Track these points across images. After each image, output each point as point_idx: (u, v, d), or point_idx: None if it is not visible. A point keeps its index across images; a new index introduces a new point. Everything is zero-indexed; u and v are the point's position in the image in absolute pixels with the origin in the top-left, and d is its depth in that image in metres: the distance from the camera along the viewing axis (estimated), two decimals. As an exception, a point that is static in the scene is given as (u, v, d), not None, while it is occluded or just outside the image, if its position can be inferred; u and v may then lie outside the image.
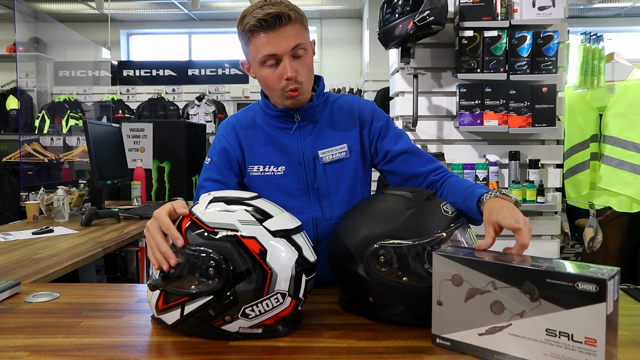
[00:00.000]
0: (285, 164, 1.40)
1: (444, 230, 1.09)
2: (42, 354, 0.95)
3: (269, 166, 1.41)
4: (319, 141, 1.41)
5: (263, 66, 1.32)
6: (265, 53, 1.28)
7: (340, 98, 1.50)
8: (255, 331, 1.01)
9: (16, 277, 1.60)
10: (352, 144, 1.43)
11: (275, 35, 1.26)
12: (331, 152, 1.41)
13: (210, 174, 1.43)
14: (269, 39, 1.27)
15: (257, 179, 1.42)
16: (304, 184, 1.41)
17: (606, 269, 0.83)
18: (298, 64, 1.31)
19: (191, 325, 1.01)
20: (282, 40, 1.27)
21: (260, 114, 1.46)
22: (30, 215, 2.83)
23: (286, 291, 0.99)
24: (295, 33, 1.28)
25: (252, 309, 0.98)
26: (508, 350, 0.88)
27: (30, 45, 5.44)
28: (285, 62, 1.28)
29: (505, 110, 2.79)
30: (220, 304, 0.98)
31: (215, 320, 0.99)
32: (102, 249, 2.12)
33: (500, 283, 0.88)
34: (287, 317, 1.03)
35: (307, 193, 1.41)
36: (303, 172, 1.40)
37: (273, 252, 0.99)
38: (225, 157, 1.43)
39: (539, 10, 2.74)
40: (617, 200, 3.14)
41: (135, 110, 7.53)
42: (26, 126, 5.77)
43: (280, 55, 1.28)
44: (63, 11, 7.56)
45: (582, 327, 0.80)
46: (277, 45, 1.27)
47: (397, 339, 1.01)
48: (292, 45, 1.28)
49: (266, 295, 0.98)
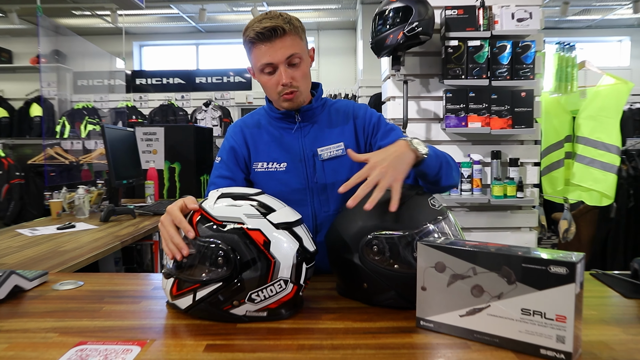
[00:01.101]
0: (287, 160, 1.42)
1: (432, 222, 1.10)
2: (69, 335, 0.97)
3: (272, 163, 1.43)
4: (317, 140, 1.44)
5: (262, 73, 1.36)
6: (263, 62, 1.32)
7: (337, 102, 1.52)
8: (260, 314, 1.03)
9: (43, 268, 1.62)
10: (348, 142, 1.45)
11: (272, 46, 1.30)
12: (329, 149, 1.43)
13: (220, 171, 1.45)
14: (266, 49, 1.31)
15: (261, 175, 1.44)
16: (304, 179, 1.42)
17: (574, 254, 0.85)
18: (293, 71, 1.34)
19: (202, 310, 1.03)
20: (277, 51, 1.30)
21: (264, 116, 1.49)
22: (54, 212, 2.84)
23: (288, 278, 1.01)
24: (290, 44, 1.31)
25: (257, 294, 1.00)
26: (487, 329, 0.90)
27: (52, 57, 5.45)
28: (281, 69, 1.32)
29: (488, 113, 2.80)
30: (229, 290, 1.00)
31: (224, 305, 1.01)
32: (120, 242, 2.14)
33: (480, 269, 0.90)
34: (290, 301, 1.04)
35: (307, 187, 1.43)
36: (303, 168, 1.42)
37: (276, 242, 1.01)
38: (233, 156, 1.45)
39: (518, 22, 2.76)
40: (588, 195, 3.16)
41: (148, 116, 7.52)
42: (48, 131, 5.77)
43: (276, 64, 1.32)
44: (82, 25, 7.54)
45: (554, 306, 0.82)
46: (273, 55, 1.31)
47: (389, 320, 1.03)
48: (286, 55, 1.31)
49: (270, 281, 1.00)
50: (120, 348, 0.91)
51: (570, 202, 3.17)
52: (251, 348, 0.90)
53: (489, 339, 0.90)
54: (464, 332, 0.92)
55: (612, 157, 3.04)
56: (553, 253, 0.86)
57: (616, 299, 1.17)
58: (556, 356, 0.83)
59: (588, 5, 6.68)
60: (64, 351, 0.89)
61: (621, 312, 1.09)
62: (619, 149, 3.06)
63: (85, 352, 0.89)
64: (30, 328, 1.01)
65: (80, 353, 0.89)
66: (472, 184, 2.83)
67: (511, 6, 2.76)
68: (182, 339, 0.95)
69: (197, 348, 0.90)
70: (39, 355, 0.88)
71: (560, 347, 0.82)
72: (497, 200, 2.75)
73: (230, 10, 7.04)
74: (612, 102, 3.09)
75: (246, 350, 0.90)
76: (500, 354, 0.87)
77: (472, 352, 0.88)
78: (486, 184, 2.90)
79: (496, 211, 2.93)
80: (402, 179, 1.10)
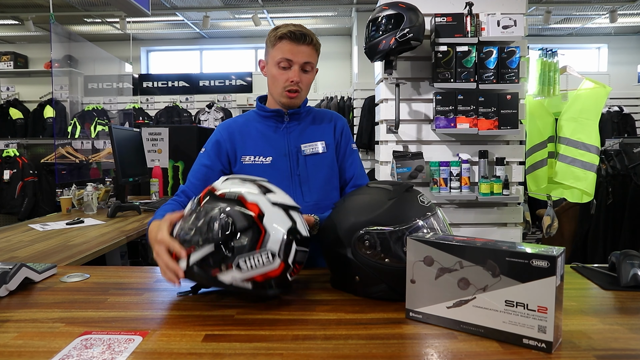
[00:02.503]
0: (273, 154, 1.48)
1: (421, 218, 1.09)
2: (75, 325, 0.96)
3: (258, 156, 1.48)
4: (301, 137, 1.51)
5: (277, 66, 1.44)
6: (284, 57, 1.42)
7: (320, 110, 1.62)
8: (245, 285, 1.01)
9: (53, 261, 1.61)
10: (329, 142, 1.54)
11: (297, 47, 1.42)
12: (311, 146, 1.51)
13: (202, 160, 1.52)
14: (291, 47, 1.42)
15: (248, 167, 1.48)
16: (287, 172, 1.48)
17: (555, 248, 0.84)
18: (303, 75, 1.45)
19: (195, 274, 1.03)
20: (299, 53, 1.42)
21: (254, 116, 1.56)
22: (64, 209, 2.83)
23: (276, 252, 1.00)
24: (310, 53, 1.44)
25: (245, 261, 0.99)
26: (472, 320, 0.89)
27: (65, 62, 5.42)
28: (296, 69, 1.44)
29: (475, 114, 2.79)
30: (219, 255, 1.00)
31: (212, 269, 1.01)
32: (125, 237, 2.13)
33: (466, 262, 0.89)
34: (276, 279, 1.03)
35: (290, 179, 1.48)
36: (287, 162, 1.48)
37: (269, 216, 1.02)
38: (217, 148, 1.51)
39: (503, 29, 2.75)
40: (570, 193, 3.15)
41: (154, 117, 7.50)
42: (60, 132, 5.75)
43: (294, 63, 1.43)
44: (92, 32, 7.52)
45: (536, 298, 0.82)
46: (295, 54, 1.42)
47: (380, 312, 1.02)
48: (304, 60, 1.43)
49: (258, 249, 0.99)
50: (123, 338, 0.90)
51: (553, 199, 3.17)
52: (247, 338, 0.90)
53: (474, 329, 0.89)
54: (451, 323, 0.92)
55: (592, 156, 3.03)
56: (536, 247, 0.85)
57: (595, 291, 1.17)
58: (537, 345, 0.82)
59: (569, 15, 6.70)
60: (70, 340, 0.88)
61: (599, 303, 1.09)
62: (598, 149, 3.05)
63: (89, 341, 0.88)
64: (39, 318, 1.00)
65: (85, 342, 0.88)
66: (460, 182, 2.82)
67: (497, 14, 2.76)
68: (182, 329, 0.94)
69: (196, 338, 0.90)
70: (46, 344, 0.87)
71: (541, 337, 0.82)
72: (484, 197, 2.75)
73: (232, 17, 7.01)
74: (592, 104, 3.09)
75: (243, 340, 0.89)
76: (484, 343, 0.86)
77: (459, 342, 0.87)
78: (474, 182, 2.90)
79: (483, 208, 2.92)
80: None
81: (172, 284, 1.06)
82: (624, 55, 7.77)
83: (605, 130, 5.93)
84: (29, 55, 7.60)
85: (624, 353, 0.83)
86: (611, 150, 3.62)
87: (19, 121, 6.98)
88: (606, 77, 7.43)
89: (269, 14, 6.71)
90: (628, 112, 6.78)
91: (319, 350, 0.84)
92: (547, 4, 6.07)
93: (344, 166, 1.57)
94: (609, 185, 3.53)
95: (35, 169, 5.45)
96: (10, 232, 2.21)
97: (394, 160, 2.81)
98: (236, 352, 0.84)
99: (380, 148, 3.02)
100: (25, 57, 7.48)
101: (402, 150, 2.90)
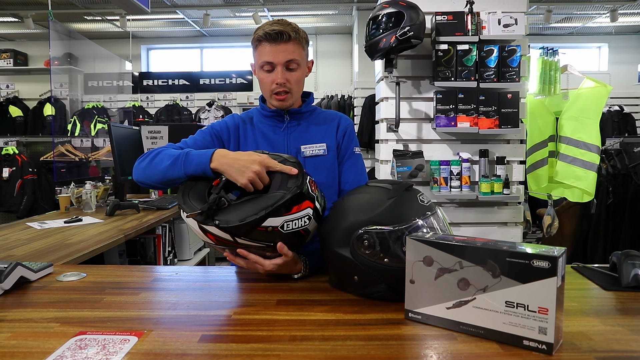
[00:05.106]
0: None
1: (420, 217, 1.08)
2: (70, 325, 0.95)
3: None
4: (302, 138, 1.48)
5: (261, 70, 1.41)
6: (265, 60, 1.39)
7: (326, 111, 1.58)
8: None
9: (50, 260, 1.60)
10: (330, 144, 1.49)
11: (276, 47, 1.36)
12: (312, 148, 1.47)
13: (195, 135, 1.47)
14: (270, 49, 1.37)
15: None
16: None
17: (556, 249, 0.83)
18: (289, 75, 1.40)
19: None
20: (279, 53, 1.37)
21: (256, 114, 1.53)
22: (63, 207, 2.82)
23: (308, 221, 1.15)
24: (292, 50, 1.37)
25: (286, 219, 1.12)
26: (472, 321, 0.88)
27: (64, 60, 5.41)
28: (279, 70, 1.38)
29: (476, 113, 2.78)
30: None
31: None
32: (124, 236, 2.12)
33: (466, 263, 0.88)
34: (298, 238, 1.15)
35: None
36: None
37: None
38: (213, 133, 1.48)
39: (504, 27, 2.74)
40: (570, 192, 3.14)
41: (154, 115, 7.48)
42: (60, 130, 5.74)
43: (275, 64, 1.38)
44: (92, 30, 7.49)
45: (536, 299, 0.81)
46: (274, 56, 1.37)
47: (379, 312, 1.01)
48: (286, 59, 1.37)
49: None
50: (118, 338, 0.89)
51: (554, 198, 3.16)
52: (244, 339, 0.88)
53: (474, 330, 0.88)
54: (451, 324, 0.91)
55: (593, 156, 3.02)
56: (536, 247, 0.84)
57: (596, 291, 1.16)
58: (538, 347, 0.81)
59: (570, 14, 6.68)
60: (64, 341, 0.87)
61: (600, 304, 1.08)
62: (599, 148, 3.04)
63: (84, 341, 0.87)
64: (33, 318, 0.99)
65: (79, 343, 0.87)
66: (461, 181, 2.81)
67: (498, 13, 2.75)
68: (178, 329, 0.93)
69: (192, 338, 0.88)
70: (40, 345, 0.86)
71: (542, 338, 0.81)
72: (484, 196, 2.74)
73: (233, 15, 6.98)
74: (593, 104, 3.07)
75: (239, 341, 0.88)
76: (484, 344, 0.85)
77: (458, 343, 0.86)
78: (474, 181, 2.89)
79: (484, 207, 2.91)
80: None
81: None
82: (625, 54, 7.75)
83: (606, 130, 5.92)
84: (28, 52, 7.59)
85: (625, 355, 0.82)
86: (612, 150, 3.61)
87: (18, 119, 6.96)
88: (607, 76, 7.41)
89: (269, 12, 6.69)
90: (628, 112, 6.77)
91: (317, 352, 0.83)
92: (547, 2, 6.05)
93: (340, 169, 1.52)
94: (610, 184, 3.51)
95: (35, 166, 5.44)
96: (7, 231, 2.20)
97: (394, 159, 2.80)
98: (232, 353, 0.83)
99: (381, 147, 3.01)
100: (25, 54, 7.47)
101: (403, 149, 2.89)
